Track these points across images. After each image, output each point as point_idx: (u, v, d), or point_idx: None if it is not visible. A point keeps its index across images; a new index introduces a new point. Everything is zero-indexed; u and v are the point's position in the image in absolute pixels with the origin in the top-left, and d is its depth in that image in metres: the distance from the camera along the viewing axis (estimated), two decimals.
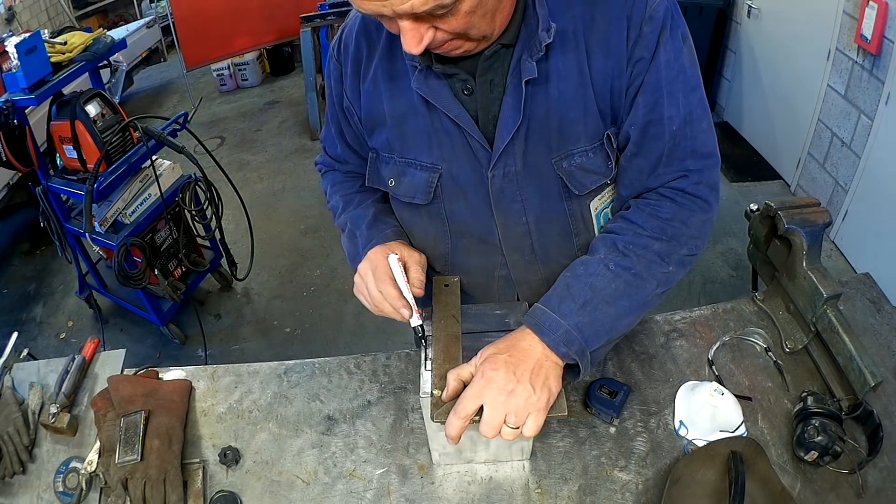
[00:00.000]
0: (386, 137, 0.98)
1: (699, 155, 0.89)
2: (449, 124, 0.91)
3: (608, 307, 0.85)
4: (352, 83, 0.98)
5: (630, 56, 0.83)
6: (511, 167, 0.91)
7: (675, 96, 0.85)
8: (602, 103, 0.87)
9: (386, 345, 2.76)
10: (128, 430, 1.04)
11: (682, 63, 0.85)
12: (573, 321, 0.83)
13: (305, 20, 4.32)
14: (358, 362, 1.20)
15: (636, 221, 0.90)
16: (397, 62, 0.92)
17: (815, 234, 1.08)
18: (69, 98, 2.40)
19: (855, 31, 2.60)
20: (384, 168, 1.01)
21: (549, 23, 0.81)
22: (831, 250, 2.98)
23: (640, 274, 0.87)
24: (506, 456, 1.00)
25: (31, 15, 5.41)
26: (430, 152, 0.95)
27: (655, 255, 0.88)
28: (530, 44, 0.83)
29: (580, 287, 0.86)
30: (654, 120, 0.86)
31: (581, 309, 0.84)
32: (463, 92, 0.89)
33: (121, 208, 2.58)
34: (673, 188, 0.90)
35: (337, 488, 1.01)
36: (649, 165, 0.90)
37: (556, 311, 0.84)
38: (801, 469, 0.96)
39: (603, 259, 0.88)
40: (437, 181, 0.96)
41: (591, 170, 0.92)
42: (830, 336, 1.05)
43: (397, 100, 0.93)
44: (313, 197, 4.00)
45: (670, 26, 0.83)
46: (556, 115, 0.87)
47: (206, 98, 5.62)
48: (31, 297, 3.44)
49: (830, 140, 2.98)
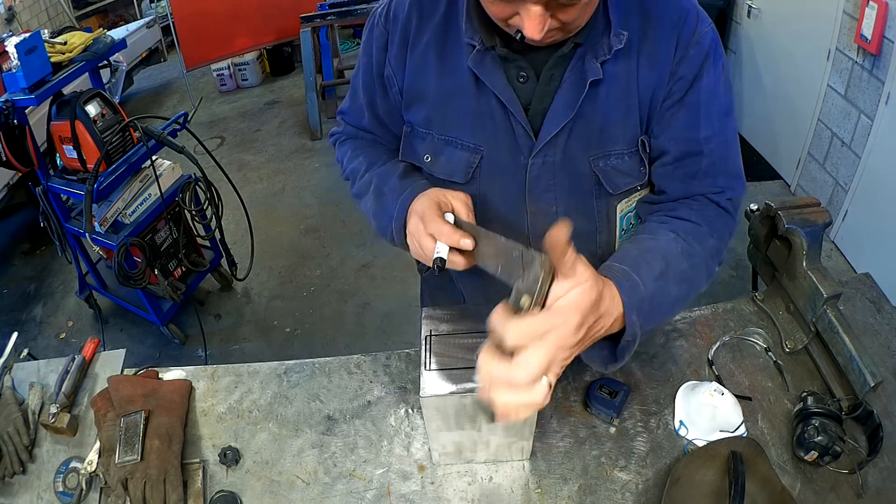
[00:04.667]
0: (426, 113, 0.97)
1: (730, 175, 0.93)
2: (496, 108, 0.91)
3: (673, 287, 0.81)
4: (398, 53, 0.96)
5: (673, 72, 0.88)
6: (551, 158, 0.93)
7: (712, 118, 0.90)
8: (642, 110, 0.91)
9: (386, 345, 2.76)
10: (128, 430, 1.04)
11: (719, 90, 0.90)
12: (649, 290, 0.76)
13: (305, 20, 4.32)
14: (358, 362, 1.20)
15: (688, 218, 0.90)
16: (450, 40, 0.92)
17: (815, 234, 1.09)
18: (69, 98, 2.40)
19: (855, 31, 2.60)
20: (419, 143, 1.00)
21: (620, 31, 0.85)
22: (831, 250, 2.98)
23: (699, 264, 0.86)
24: (506, 456, 1.00)
25: (31, 15, 5.40)
26: (473, 133, 0.95)
27: (712, 249, 0.89)
28: (596, 45, 0.86)
29: (655, 258, 0.81)
30: (693, 138, 0.90)
31: (655, 280, 0.78)
32: (518, 79, 0.90)
33: (121, 208, 2.58)
34: (709, 199, 0.93)
35: (337, 488, 1.01)
36: (686, 179, 0.93)
37: (636, 273, 0.77)
38: (801, 469, 0.96)
39: (674, 239, 0.85)
40: (478, 163, 0.96)
41: (625, 172, 0.94)
42: (830, 336, 1.05)
43: (446, 77, 0.93)
44: (313, 197, 4.00)
45: (713, 55, 0.88)
46: (601, 116, 0.90)
47: (206, 98, 5.62)
48: (31, 297, 3.44)
49: (830, 140, 2.98)
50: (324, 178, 4.21)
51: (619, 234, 1.02)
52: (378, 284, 3.16)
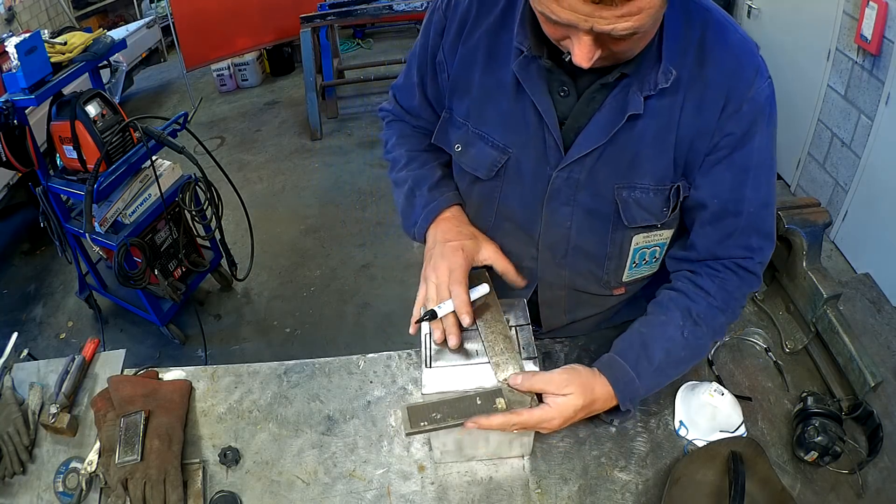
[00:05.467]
0: (466, 105, 0.99)
1: (763, 235, 0.94)
2: (531, 115, 0.92)
3: (671, 370, 0.94)
4: (452, 40, 0.98)
5: (720, 125, 0.86)
6: (576, 175, 0.93)
7: (760, 181, 0.89)
8: (678, 154, 0.89)
9: (386, 345, 2.76)
10: (128, 430, 1.04)
11: (771, 151, 0.90)
12: (645, 383, 0.91)
13: (305, 20, 4.32)
14: (358, 362, 1.20)
15: (708, 290, 0.94)
16: (501, 39, 0.93)
17: (815, 234, 1.09)
18: (69, 98, 2.40)
19: (855, 32, 2.60)
20: (453, 132, 1.02)
21: (669, 68, 0.82)
22: (831, 250, 2.98)
23: (704, 346, 0.95)
24: (506, 452, 1.00)
25: (31, 15, 5.40)
26: (505, 134, 0.96)
27: (720, 326, 0.95)
28: (643, 79, 0.84)
29: (657, 350, 0.92)
30: (737, 199, 0.89)
31: (654, 373, 0.92)
32: (559, 92, 0.90)
33: (121, 208, 2.58)
34: (738, 264, 0.93)
35: (337, 488, 1.01)
36: (720, 236, 0.93)
37: (634, 370, 0.91)
38: (801, 469, 0.96)
39: (681, 327, 0.92)
40: (504, 163, 0.98)
41: (645, 208, 0.93)
42: (830, 336, 1.05)
43: (490, 75, 0.95)
44: (313, 197, 4.01)
45: (768, 114, 0.87)
46: (634, 148, 0.89)
47: (206, 98, 5.61)
48: (31, 297, 3.44)
49: (830, 140, 2.98)
50: (324, 178, 4.21)
51: (629, 266, 1.02)
52: (378, 284, 3.16)
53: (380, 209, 3.78)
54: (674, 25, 0.82)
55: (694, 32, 0.83)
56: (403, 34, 6.52)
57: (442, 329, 0.93)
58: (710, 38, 0.83)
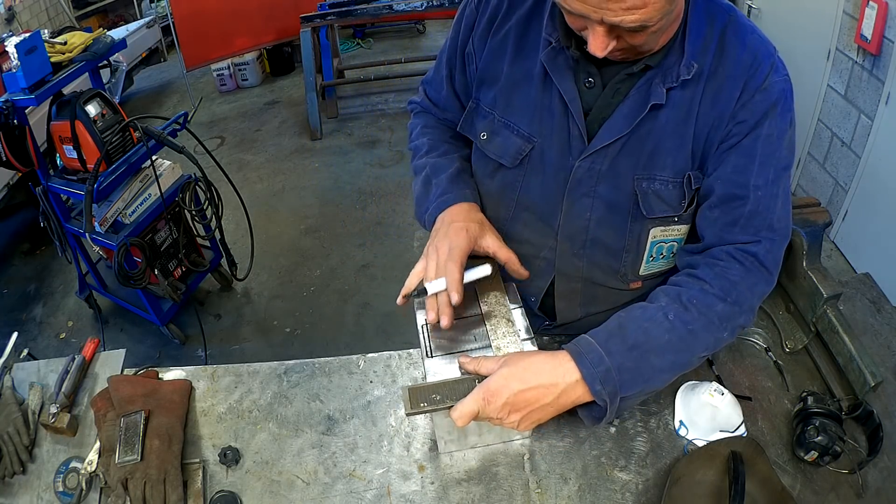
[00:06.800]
0: (493, 95, 1.02)
1: (774, 229, 0.91)
2: (557, 105, 0.94)
3: (655, 358, 0.86)
4: (482, 33, 1.02)
5: (734, 114, 0.88)
6: (598, 165, 0.94)
7: (766, 169, 0.89)
8: (696, 145, 0.91)
9: (386, 345, 2.76)
10: (128, 430, 1.04)
11: (781, 143, 0.89)
12: (616, 361, 0.84)
13: (305, 20, 4.32)
14: (358, 362, 1.20)
15: (704, 278, 0.91)
16: (530, 33, 0.97)
17: (815, 234, 1.09)
18: (69, 98, 2.40)
19: (855, 31, 2.60)
20: (480, 121, 1.05)
21: (692, 61, 0.86)
22: (831, 250, 2.98)
23: (695, 332, 0.87)
24: (508, 436, 1.01)
25: (31, 15, 5.40)
26: (531, 124, 0.98)
27: (717, 316, 0.88)
28: (666, 71, 0.87)
29: (633, 329, 0.87)
30: (741, 183, 0.89)
31: (628, 351, 0.85)
32: (585, 83, 0.93)
33: (121, 208, 2.58)
34: (745, 251, 0.90)
35: (337, 488, 1.01)
36: (726, 222, 0.92)
37: (603, 346, 0.85)
38: (801, 469, 0.96)
39: (664, 308, 0.88)
40: (528, 152, 1.00)
41: (664, 199, 0.94)
42: (830, 336, 1.05)
43: (518, 65, 0.98)
44: (313, 197, 4.01)
45: (781, 107, 0.88)
46: (655, 140, 0.91)
47: (206, 98, 5.62)
48: (31, 297, 3.44)
49: (830, 140, 2.98)
50: (324, 178, 4.22)
51: (647, 259, 1.03)
52: (378, 284, 3.16)
53: (380, 209, 3.79)
54: (697, 24, 0.87)
55: (716, 31, 0.88)
56: (403, 34, 6.52)
57: (436, 309, 0.94)
58: (730, 36, 0.88)
